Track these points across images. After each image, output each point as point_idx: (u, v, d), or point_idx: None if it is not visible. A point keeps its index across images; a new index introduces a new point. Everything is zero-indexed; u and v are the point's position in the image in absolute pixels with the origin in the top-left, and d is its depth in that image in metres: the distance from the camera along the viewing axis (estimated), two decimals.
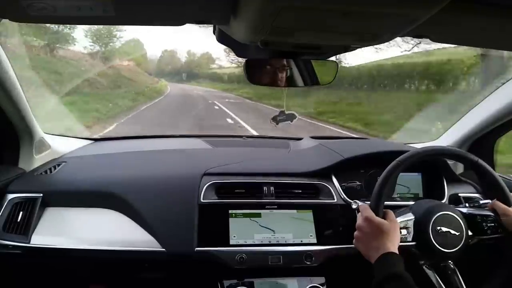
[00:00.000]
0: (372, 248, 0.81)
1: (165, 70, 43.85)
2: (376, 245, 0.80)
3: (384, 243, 0.80)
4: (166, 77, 37.73)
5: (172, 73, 42.76)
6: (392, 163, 0.91)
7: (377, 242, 0.81)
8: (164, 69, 44.37)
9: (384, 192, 0.89)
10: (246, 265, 0.97)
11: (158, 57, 48.13)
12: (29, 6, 0.53)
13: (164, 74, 40.77)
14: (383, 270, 0.76)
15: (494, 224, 0.92)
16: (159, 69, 43.37)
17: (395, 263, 0.76)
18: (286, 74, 0.84)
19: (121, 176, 1.13)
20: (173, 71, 43.81)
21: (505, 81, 1.21)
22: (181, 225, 1.00)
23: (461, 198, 1.17)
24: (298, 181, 1.13)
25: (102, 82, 12.55)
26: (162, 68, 44.85)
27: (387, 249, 0.79)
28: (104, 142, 1.63)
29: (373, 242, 0.82)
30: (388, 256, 0.78)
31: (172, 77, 39.31)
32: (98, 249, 0.98)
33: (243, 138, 1.66)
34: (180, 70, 42.94)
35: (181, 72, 41.21)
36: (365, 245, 0.84)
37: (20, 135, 1.12)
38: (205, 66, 40.98)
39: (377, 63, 12.90)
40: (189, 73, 40.25)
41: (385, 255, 0.78)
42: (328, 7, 0.49)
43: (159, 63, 46.58)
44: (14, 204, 1.02)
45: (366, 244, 0.83)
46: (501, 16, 0.58)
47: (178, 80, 36.48)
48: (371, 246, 0.82)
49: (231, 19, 0.60)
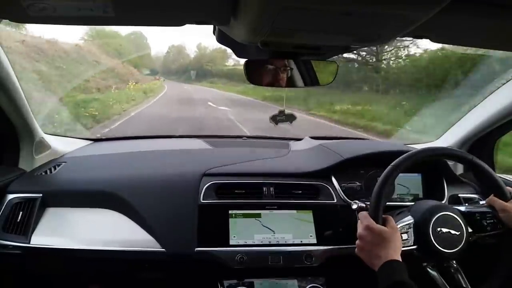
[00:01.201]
0: (375, 256, 0.80)
1: (171, 68, 39.11)
2: (379, 253, 0.80)
3: (386, 251, 0.79)
4: (172, 76, 33.14)
5: (179, 71, 37.54)
6: (388, 168, 0.91)
7: (379, 250, 0.80)
8: (170, 67, 39.46)
9: (383, 196, 0.89)
10: (246, 265, 0.97)
11: (164, 53, 42.53)
12: (29, 7, 0.53)
13: (170, 72, 36.06)
14: (387, 279, 0.75)
15: (493, 221, 0.92)
16: (165, 67, 38.69)
17: (398, 271, 0.76)
18: (286, 74, 0.84)
19: (121, 176, 1.13)
20: (180, 68, 38.41)
21: (505, 81, 1.21)
22: (181, 225, 1.00)
23: (461, 198, 1.17)
24: (298, 181, 1.13)
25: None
26: (168, 66, 39.91)
27: (390, 257, 0.78)
28: (104, 142, 1.63)
29: (375, 250, 0.81)
30: (391, 264, 0.77)
31: (179, 76, 34.61)
32: (97, 249, 0.98)
33: (243, 139, 1.66)
34: (188, 67, 36.42)
35: (189, 70, 34.88)
36: (368, 254, 0.83)
37: (20, 136, 1.12)
38: (220, 62, 31.43)
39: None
40: (199, 71, 32.80)
41: (388, 263, 0.77)
42: (328, 8, 0.49)
43: (165, 60, 41.54)
44: (14, 204, 1.02)
45: (369, 253, 0.83)
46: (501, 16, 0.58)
47: (185, 79, 31.11)
48: (373, 255, 0.81)
49: (231, 19, 0.60)
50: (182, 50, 41.95)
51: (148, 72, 22.84)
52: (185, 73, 35.13)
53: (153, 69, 24.96)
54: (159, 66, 34.89)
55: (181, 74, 35.62)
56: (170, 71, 37.80)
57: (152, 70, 23.85)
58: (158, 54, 41.10)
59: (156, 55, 39.49)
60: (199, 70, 32.95)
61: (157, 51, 39.99)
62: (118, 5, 0.54)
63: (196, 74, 32.19)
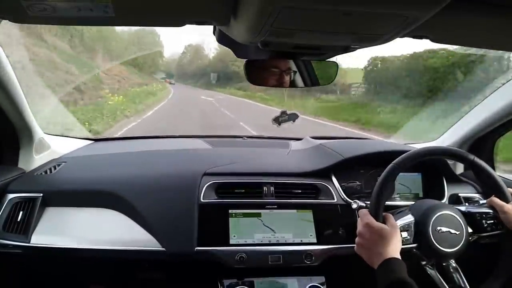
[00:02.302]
0: (374, 254, 0.81)
1: (188, 71, 33.69)
2: (378, 251, 0.80)
3: (385, 249, 0.79)
4: (189, 80, 28.75)
5: (196, 74, 32.01)
6: (389, 166, 0.91)
7: (379, 248, 0.80)
8: (186, 70, 34.04)
9: (383, 195, 0.89)
10: (246, 264, 0.97)
11: (180, 54, 37.31)
12: (29, 7, 0.53)
13: (187, 76, 31.09)
14: (386, 277, 0.75)
15: (493, 221, 0.92)
16: (181, 70, 33.81)
17: (398, 269, 0.76)
18: (287, 74, 0.84)
19: (121, 176, 1.13)
20: (197, 71, 32.70)
21: (505, 81, 1.21)
22: (181, 224, 1.00)
23: (461, 198, 1.17)
24: (298, 181, 1.13)
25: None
26: (184, 69, 34.87)
27: (389, 255, 0.78)
28: (104, 142, 1.63)
29: (374, 248, 0.81)
30: (391, 262, 0.77)
31: (196, 79, 29.21)
32: (98, 248, 0.98)
33: (243, 138, 1.66)
34: (206, 70, 29.75)
35: (208, 72, 28.11)
36: (367, 252, 0.83)
37: (20, 135, 1.12)
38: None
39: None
40: (222, 73, 25.69)
41: (387, 261, 0.77)
42: (328, 8, 0.49)
43: (180, 62, 36.58)
44: (14, 204, 1.02)
45: (368, 251, 0.83)
46: (501, 16, 0.58)
47: (204, 84, 24.56)
48: (373, 252, 0.81)
49: (231, 20, 0.60)
50: (200, 50, 36.53)
51: (163, 76, 20.06)
52: (203, 77, 28.51)
53: (168, 73, 21.75)
54: (173, 69, 30.08)
55: (199, 78, 29.46)
56: (186, 75, 32.72)
57: (168, 74, 20.82)
58: (174, 56, 36.25)
59: (171, 57, 34.41)
60: (222, 73, 25.98)
61: (172, 53, 34.99)
62: (118, 5, 0.54)
63: (217, 77, 25.88)
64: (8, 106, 1.01)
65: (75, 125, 6.07)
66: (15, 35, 5.85)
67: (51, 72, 8.07)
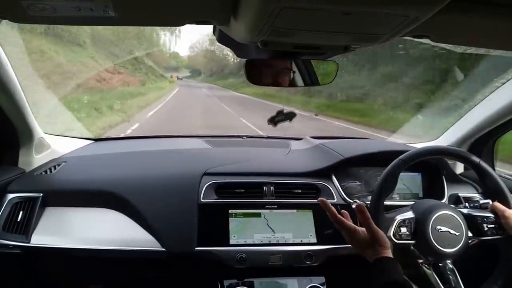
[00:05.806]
0: (366, 245, 0.83)
1: (208, 68, 32.24)
2: (368, 244, 0.82)
3: (375, 248, 0.81)
4: (211, 77, 27.47)
5: (217, 71, 30.64)
6: (395, 161, 0.91)
7: (369, 243, 0.83)
8: (207, 67, 32.51)
9: (386, 190, 0.89)
10: (246, 264, 0.97)
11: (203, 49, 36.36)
12: (29, 7, 0.53)
13: (211, 72, 29.82)
14: (382, 277, 0.75)
15: (494, 226, 0.92)
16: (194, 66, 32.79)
17: (393, 269, 0.76)
18: (287, 74, 0.84)
19: (121, 176, 1.13)
20: (218, 69, 31.28)
21: (505, 80, 1.21)
22: (181, 224, 1.00)
23: (461, 198, 1.17)
24: (298, 181, 1.13)
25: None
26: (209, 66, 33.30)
27: (382, 253, 0.79)
28: (104, 142, 1.63)
29: (367, 242, 0.83)
30: (383, 261, 0.78)
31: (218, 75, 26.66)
32: (98, 248, 0.98)
33: (243, 138, 1.66)
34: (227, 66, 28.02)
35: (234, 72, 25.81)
36: (360, 245, 0.85)
37: (20, 135, 1.12)
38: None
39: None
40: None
41: (380, 260, 0.78)
42: (328, 7, 0.49)
43: (196, 57, 35.87)
44: (14, 204, 1.02)
45: (359, 243, 0.85)
46: (501, 16, 0.58)
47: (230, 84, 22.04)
48: (365, 244, 0.84)
49: (231, 19, 0.60)
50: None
51: (188, 74, 19.15)
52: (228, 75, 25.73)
53: (193, 70, 20.26)
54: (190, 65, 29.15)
55: (219, 73, 27.35)
56: (212, 71, 30.82)
57: (193, 71, 19.28)
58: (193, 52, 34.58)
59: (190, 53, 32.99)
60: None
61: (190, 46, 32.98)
62: (118, 5, 0.54)
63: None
64: (8, 106, 1.01)
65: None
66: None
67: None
